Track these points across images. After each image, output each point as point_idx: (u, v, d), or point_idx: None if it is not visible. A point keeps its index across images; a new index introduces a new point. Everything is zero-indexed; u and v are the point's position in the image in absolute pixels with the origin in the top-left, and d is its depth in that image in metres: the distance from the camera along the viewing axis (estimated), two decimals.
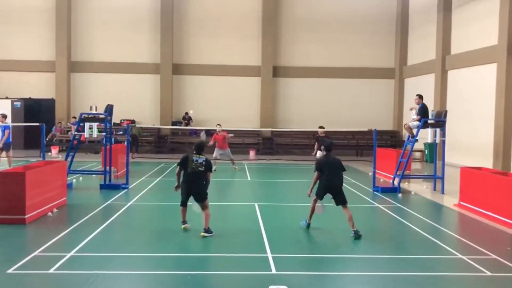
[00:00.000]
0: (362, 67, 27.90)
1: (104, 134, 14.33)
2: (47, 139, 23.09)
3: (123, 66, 27.31)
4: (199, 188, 8.87)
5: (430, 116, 13.99)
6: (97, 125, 14.09)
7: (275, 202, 12.53)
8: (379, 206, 12.07)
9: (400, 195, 13.39)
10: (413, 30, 26.91)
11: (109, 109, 13.87)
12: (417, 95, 14.31)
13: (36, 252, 7.54)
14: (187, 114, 27.06)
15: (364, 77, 27.94)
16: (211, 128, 23.60)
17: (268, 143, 27.20)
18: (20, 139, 25.81)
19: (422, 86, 24.04)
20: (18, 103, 25.87)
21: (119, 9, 27.25)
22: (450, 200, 12.70)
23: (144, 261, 7.56)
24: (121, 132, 24.76)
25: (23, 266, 6.94)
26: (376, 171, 14.68)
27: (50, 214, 10.21)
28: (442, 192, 13.84)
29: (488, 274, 6.98)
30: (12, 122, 24.42)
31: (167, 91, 27.31)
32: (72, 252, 7.57)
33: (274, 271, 6.95)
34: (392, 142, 26.82)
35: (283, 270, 7.01)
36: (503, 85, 18.03)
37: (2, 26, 26.95)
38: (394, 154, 16.05)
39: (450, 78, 22.56)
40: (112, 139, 15.37)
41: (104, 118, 13.85)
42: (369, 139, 24.55)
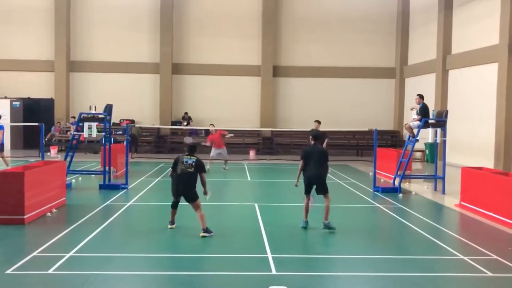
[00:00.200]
0: (363, 66, 27.84)
1: (103, 134, 14.30)
2: (46, 139, 23.04)
3: (122, 66, 27.24)
4: (186, 189, 8.83)
5: (430, 116, 13.94)
6: (96, 125, 14.04)
7: (275, 202, 12.51)
8: (380, 206, 12.05)
9: (400, 195, 13.35)
10: (413, 29, 26.85)
11: (108, 109, 13.84)
12: (417, 94, 14.28)
13: (35, 253, 7.52)
14: (186, 114, 27.02)
15: (364, 76, 27.87)
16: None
17: (268, 143, 27.15)
18: (19, 139, 25.84)
19: (423, 85, 23.99)
20: (17, 103, 25.83)
21: (118, 8, 27.19)
22: (451, 200, 12.67)
23: (144, 261, 7.56)
24: (120, 132, 24.71)
25: (22, 266, 6.92)
26: (377, 171, 14.64)
27: (49, 214, 10.18)
28: (443, 192, 13.80)
29: (489, 274, 6.97)
30: (11, 122, 24.38)
31: (167, 91, 27.26)
32: (71, 253, 7.55)
33: (274, 271, 6.94)
34: (393, 142, 26.76)
35: (283, 270, 7.00)
36: (504, 84, 17.98)
37: (1, 25, 26.86)
38: (394, 154, 16.01)
39: (451, 78, 22.51)
40: (112, 139, 15.31)
41: (104, 118, 13.80)
42: (369, 139, 24.46)
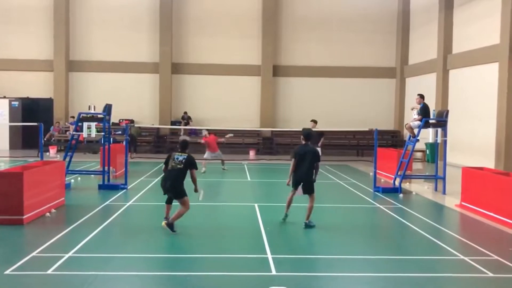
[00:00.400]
0: (363, 66, 27.79)
1: (102, 134, 14.26)
2: (45, 139, 22.98)
3: (122, 66, 27.19)
4: (173, 186, 8.81)
5: (431, 116, 13.92)
6: (95, 124, 14.04)
7: (275, 203, 12.45)
8: (380, 206, 12.02)
9: (401, 195, 13.31)
10: (414, 29, 26.81)
11: (107, 108, 13.83)
12: (418, 94, 14.27)
13: (34, 253, 7.49)
14: (186, 113, 26.97)
15: (365, 76, 27.83)
16: (209, 128, 23.50)
17: (268, 143, 27.11)
18: (18, 139, 25.79)
19: (423, 85, 23.96)
20: (16, 103, 25.76)
21: (117, 7, 27.14)
22: (452, 201, 12.64)
23: (143, 261, 7.54)
24: (119, 132, 24.67)
25: (21, 267, 6.90)
26: (377, 171, 14.61)
27: (48, 214, 10.16)
28: (444, 192, 13.76)
29: (490, 275, 6.96)
30: (10, 121, 24.38)
31: (166, 91, 27.21)
32: (71, 253, 7.53)
33: (274, 272, 6.92)
34: (393, 142, 26.72)
35: (283, 271, 6.98)
36: (505, 84, 17.93)
37: (0, 25, 26.81)
38: (395, 154, 15.98)
39: (451, 78, 22.47)
40: (111, 139, 15.28)
41: (103, 117, 13.79)
42: (370, 139, 24.46)
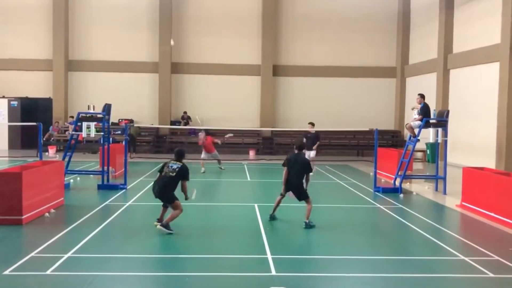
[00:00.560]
0: (363, 66, 27.74)
1: (102, 133, 14.23)
2: (44, 138, 22.94)
3: (121, 65, 27.15)
4: (161, 192, 8.83)
5: (432, 116, 13.88)
6: (95, 124, 13.99)
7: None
8: (380, 206, 11.99)
9: (401, 195, 13.28)
10: (414, 28, 26.78)
11: (107, 108, 13.80)
12: (418, 94, 14.23)
13: (33, 253, 7.47)
14: (185, 113, 26.94)
15: (365, 76, 27.78)
16: (210, 128, 23.50)
17: (268, 143, 27.07)
18: (17, 138, 25.73)
19: (424, 85, 23.94)
20: (15, 102, 25.71)
21: (117, 7, 27.09)
22: (452, 201, 12.61)
23: (143, 262, 7.53)
24: (119, 132, 24.64)
25: (20, 267, 6.88)
26: (377, 171, 14.57)
27: (47, 214, 10.12)
28: (444, 192, 13.73)
29: (491, 275, 6.94)
30: (9, 121, 24.35)
31: (166, 90, 27.17)
32: (70, 253, 7.51)
33: (274, 272, 6.89)
34: (394, 142, 26.69)
35: (283, 271, 6.95)
36: (506, 84, 17.88)
37: None
38: (395, 154, 15.94)
39: (452, 77, 22.43)
40: (110, 139, 15.25)
41: (102, 117, 13.76)
42: (370, 139, 24.44)
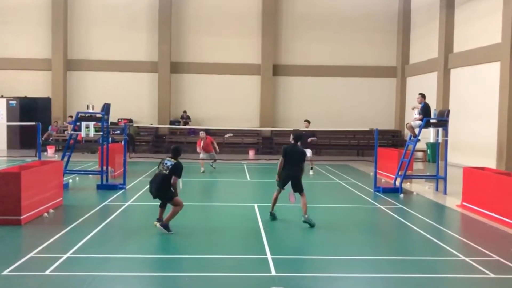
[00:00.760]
0: (364, 65, 27.70)
1: (101, 133, 14.20)
2: (43, 138, 22.87)
3: (120, 64, 27.10)
4: (157, 191, 8.82)
5: (432, 115, 13.85)
6: (94, 124, 13.99)
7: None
8: (381, 206, 11.96)
9: (402, 195, 13.25)
10: (415, 28, 26.75)
11: (106, 108, 13.78)
12: (419, 94, 14.20)
13: (32, 254, 7.46)
14: (185, 112, 26.90)
15: (365, 75, 27.74)
16: (210, 128, 23.46)
17: (267, 142, 27.03)
18: (15, 138, 25.68)
19: (424, 84, 23.91)
20: (14, 102, 25.66)
21: (116, 6, 27.05)
22: (453, 201, 12.58)
23: (142, 262, 7.52)
24: (118, 132, 24.60)
25: (18, 267, 6.86)
26: (378, 171, 14.52)
27: (46, 215, 10.10)
28: (445, 192, 13.70)
29: (491, 276, 6.93)
30: (8, 121, 24.32)
31: (165, 90, 27.12)
32: (69, 254, 7.49)
33: (274, 272, 6.87)
34: (394, 141, 26.67)
35: (283, 271, 6.93)
36: (507, 83, 17.86)
37: None
38: (395, 154, 15.91)
39: (452, 77, 22.40)
40: (109, 139, 15.22)
41: (101, 117, 13.74)
42: (370, 138, 24.41)
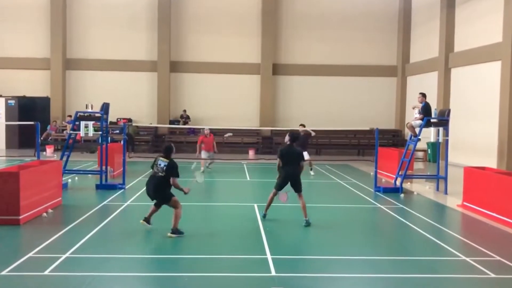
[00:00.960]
0: (364, 64, 27.68)
1: (100, 133, 14.17)
2: (42, 138, 22.82)
3: (119, 64, 27.08)
4: (155, 193, 8.73)
5: (433, 115, 13.82)
6: (93, 124, 13.98)
7: (274, 203, 12.24)
8: (381, 206, 11.94)
9: (402, 195, 13.23)
10: (415, 27, 26.72)
11: (105, 107, 13.76)
12: (420, 93, 14.15)
13: (30, 254, 7.44)
14: (185, 112, 26.86)
15: (365, 75, 27.72)
16: (209, 127, 23.36)
17: (267, 142, 27.01)
18: (14, 138, 25.65)
19: (425, 84, 23.88)
20: (12, 101, 25.59)
21: (115, 5, 27.02)
22: (453, 201, 12.57)
23: (141, 262, 7.52)
24: (117, 131, 24.56)
25: (17, 268, 6.85)
26: (378, 171, 14.51)
27: (45, 214, 10.08)
28: (445, 192, 13.68)
29: (492, 276, 6.92)
30: (6, 121, 24.28)
31: (165, 89, 27.10)
32: (68, 254, 7.48)
33: (274, 273, 6.86)
34: (394, 141, 26.67)
35: (283, 272, 6.92)
36: (508, 83, 17.83)
37: None
38: (396, 154, 15.87)
39: (453, 76, 22.37)
40: (109, 138, 15.18)
41: (100, 116, 13.71)
42: (370, 138, 24.38)
